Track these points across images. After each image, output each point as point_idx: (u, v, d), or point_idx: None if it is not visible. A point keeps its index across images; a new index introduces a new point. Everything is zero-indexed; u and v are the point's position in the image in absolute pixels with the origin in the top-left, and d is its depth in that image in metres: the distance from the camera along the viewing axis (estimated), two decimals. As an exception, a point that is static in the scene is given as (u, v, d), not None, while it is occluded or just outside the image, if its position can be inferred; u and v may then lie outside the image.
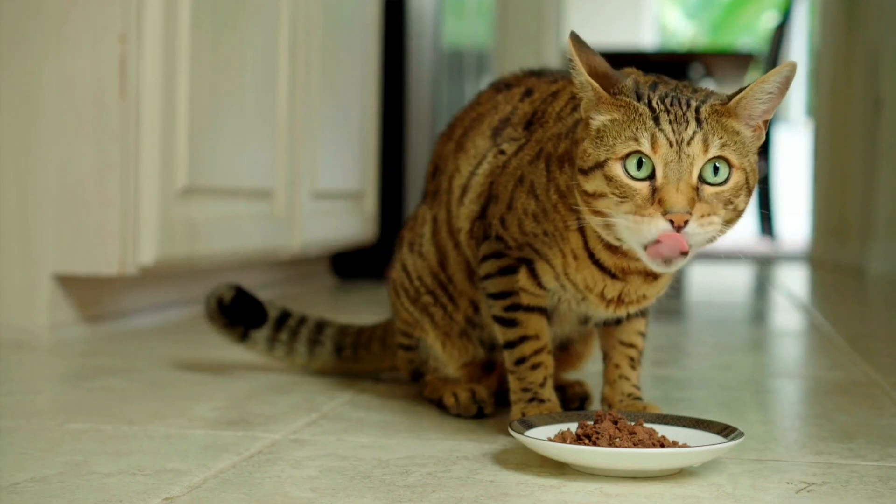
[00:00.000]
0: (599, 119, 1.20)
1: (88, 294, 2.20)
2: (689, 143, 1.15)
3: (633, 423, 1.20)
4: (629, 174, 1.16)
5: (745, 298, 3.50)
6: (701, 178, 1.16)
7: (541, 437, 1.19)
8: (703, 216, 1.16)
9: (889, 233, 4.41)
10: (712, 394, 1.72)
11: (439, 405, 1.51)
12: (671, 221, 1.14)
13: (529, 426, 1.24)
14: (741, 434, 1.19)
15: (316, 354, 1.75)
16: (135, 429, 1.37)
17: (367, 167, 3.41)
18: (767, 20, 11.32)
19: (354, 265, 3.63)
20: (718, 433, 1.22)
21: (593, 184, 1.19)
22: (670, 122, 1.16)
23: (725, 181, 1.17)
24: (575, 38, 1.21)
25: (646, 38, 9.61)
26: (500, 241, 1.37)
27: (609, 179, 1.17)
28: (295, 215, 2.80)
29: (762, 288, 3.96)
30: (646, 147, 1.16)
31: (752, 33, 12.02)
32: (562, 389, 1.54)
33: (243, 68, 2.46)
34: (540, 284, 1.36)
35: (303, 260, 3.33)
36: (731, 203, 1.18)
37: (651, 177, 1.16)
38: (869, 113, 4.65)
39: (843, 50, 5.12)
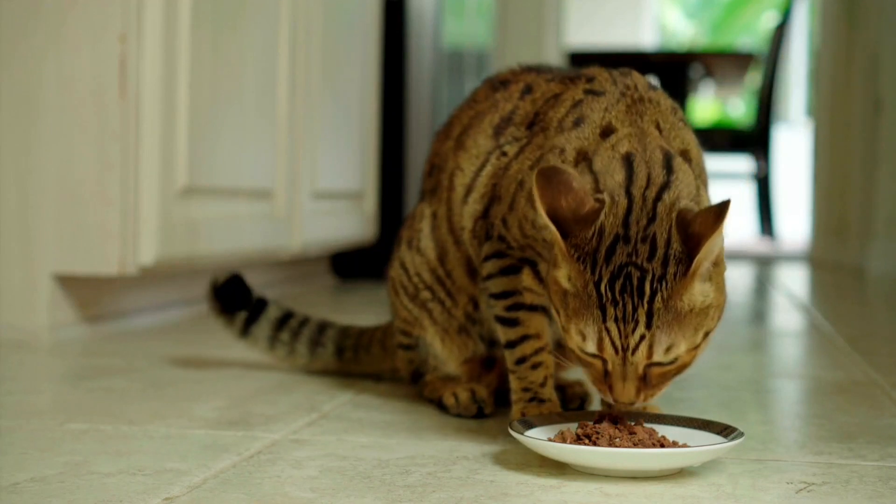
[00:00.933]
0: (561, 273, 1.16)
1: (88, 294, 2.20)
2: (633, 351, 1.12)
3: (633, 423, 1.20)
4: (581, 350, 1.15)
5: (745, 298, 3.50)
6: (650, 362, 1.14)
7: (541, 437, 1.19)
8: (648, 396, 1.16)
9: (889, 233, 4.41)
10: (712, 394, 1.72)
11: (439, 405, 1.51)
12: (615, 399, 1.16)
13: (529, 426, 1.24)
14: (741, 434, 1.19)
15: (317, 355, 1.75)
16: (135, 429, 1.37)
17: (367, 167, 3.41)
18: (767, 20, 11.32)
19: (354, 265, 3.63)
20: (718, 433, 1.22)
21: (556, 318, 1.19)
22: (616, 321, 1.11)
23: (674, 361, 1.14)
24: (541, 175, 1.16)
25: (646, 38, 9.61)
26: (503, 241, 1.37)
27: (566, 342, 1.17)
28: (295, 215, 2.80)
29: (762, 288, 3.96)
30: (591, 348, 1.14)
31: (752, 33, 12.02)
32: (562, 389, 1.54)
33: (243, 68, 2.46)
34: (543, 284, 1.36)
35: (303, 260, 3.33)
36: (682, 370, 1.16)
37: (595, 356, 1.15)
38: (869, 113, 4.65)
39: (843, 50, 5.12)
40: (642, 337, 1.12)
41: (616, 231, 1.15)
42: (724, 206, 1.13)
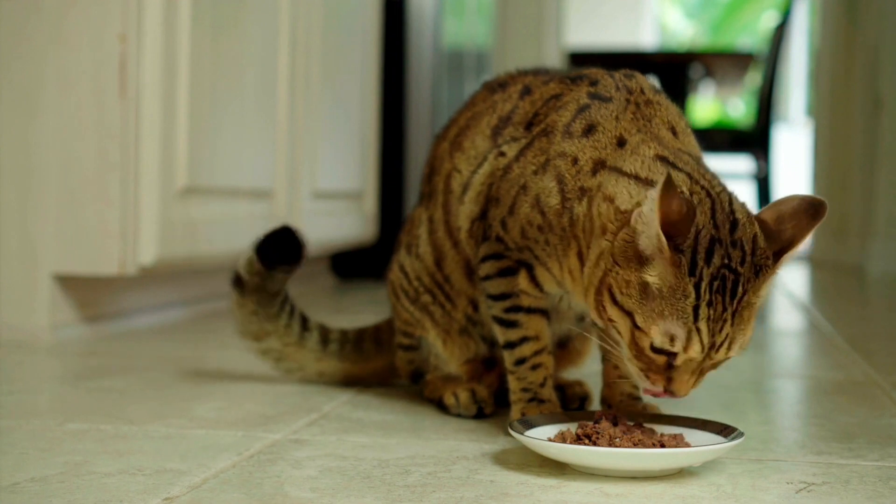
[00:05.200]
0: (651, 276, 1.14)
1: (88, 294, 2.20)
2: (717, 350, 1.14)
3: (632, 423, 1.20)
4: (654, 348, 1.15)
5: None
6: None
7: (541, 437, 1.19)
8: (696, 386, 1.17)
9: (889, 233, 4.41)
10: (712, 394, 1.72)
11: (439, 405, 1.51)
12: (669, 392, 1.16)
13: (529, 426, 1.24)
14: (741, 434, 1.19)
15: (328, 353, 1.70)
16: (135, 429, 1.37)
17: (367, 167, 3.41)
18: (767, 20, 11.32)
19: (354, 265, 3.63)
20: (718, 433, 1.22)
21: (617, 315, 1.18)
22: (708, 322, 1.12)
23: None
24: (668, 180, 1.11)
25: (646, 38, 9.61)
26: (500, 242, 1.37)
27: (633, 339, 1.16)
28: (295, 215, 2.80)
29: (762, 288, 3.96)
30: (678, 347, 1.13)
31: (752, 33, 12.02)
32: (561, 389, 1.54)
33: (243, 68, 2.46)
34: (540, 288, 1.36)
35: (303, 260, 3.32)
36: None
37: (673, 354, 1.14)
38: (869, 113, 4.65)
39: (843, 50, 5.12)
40: (727, 335, 1.14)
41: (710, 233, 1.14)
42: (819, 207, 1.17)
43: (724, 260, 1.13)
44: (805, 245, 1.20)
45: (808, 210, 1.17)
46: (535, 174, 1.32)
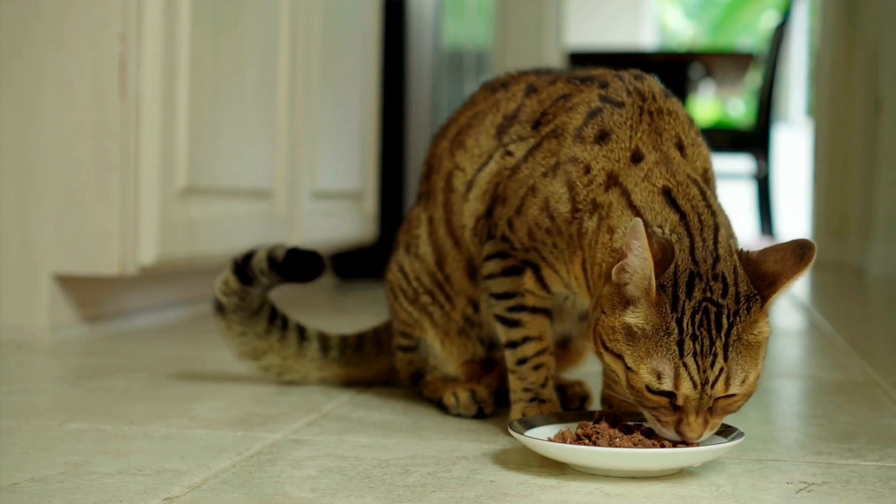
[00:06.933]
0: (633, 319, 1.14)
1: (88, 294, 2.20)
2: (712, 385, 1.12)
3: (632, 423, 1.20)
4: (649, 389, 1.14)
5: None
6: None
7: (541, 437, 1.19)
8: (713, 427, 1.15)
9: (889, 233, 4.41)
10: (712, 394, 1.72)
11: (439, 405, 1.51)
12: (680, 434, 1.14)
13: (529, 426, 1.24)
14: (741, 434, 1.19)
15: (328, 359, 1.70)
16: (135, 429, 1.37)
17: (367, 167, 3.41)
18: (767, 20, 11.32)
19: (354, 265, 3.63)
20: (718, 433, 1.21)
21: (610, 359, 1.17)
22: (695, 356, 1.11)
23: (742, 391, 1.15)
24: (645, 225, 1.13)
25: (646, 38, 9.61)
26: (506, 241, 1.36)
27: (628, 381, 1.16)
28: (295, 215, 2.80)
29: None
30: (668, 385, 1.12)
31: (752, 33, 12.02)
32: (562, 389, 1.54)
33: (243, 68, 2.46)
34: (546, 289, 1.35)
35: (303, 260, 3.32)
36: (747, 399, 1.17)
37: (672, 394, 1.13)
38: (869, 113, 4.64)
39: (843, 50, 5.12)
40: (721, 370, 1.12)
41: (689, 268, 1.14)
42: (807, 249, 1.14)
43: (705, 293, 1.13)
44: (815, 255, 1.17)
45: (796, 250, 1.15)
46: (544, 176, 1.32)
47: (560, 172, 1.30)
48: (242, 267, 1.60)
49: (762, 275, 1.15)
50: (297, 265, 1.59)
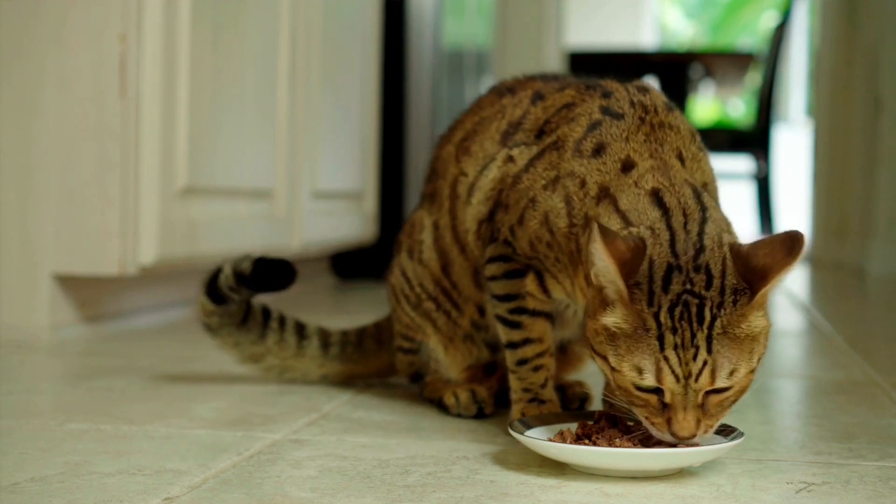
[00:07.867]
0: (611, 319, 1.13)
1: (88, 294, 2.20)
2: (696, 378, 1.10)
3: (632, 423, 1.20)
4: (636, 386, 1.12)
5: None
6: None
7: (541, 437, 1.19)
8: (708, 427, 1.13)
9: (889, 233, 4.41)
10: (712, 394, 1.72)
11: (439, 405, 1.51)
12: (672, 434, 1.13)
13: (529, 426, 1.24)
14: (741, 434, 1.19)
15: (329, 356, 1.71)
16: (135, 429, 1.37)
17: (367, 167, 3.41)
18: (767, 20, 11.32)
19: (354, 265, 3.63)
20: (718, 433, 1.21)
21: (600, 363, 1.16)
22: (676, 349, 1.09)
23: (732, 385, 1.13)
24: (601, 228, 1.13)
25: (646, 38, 9.61)
26: (508, 245, 1.36)
27: (616, 382, 1.15)
28: (295, 215, 2.80)
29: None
30: (650, 381, 1.11)
31: (752, 33, 12.02)
32: (562, 389, 1.54)
33: (243, 68, 2.46)
34: (548, 294, 1.35)
35: (303, 260, 3.32)
36: (740, 395, 1.15)
37: (658, 390, 1.12)
38: (869, 113, 4.64)
39: (843, 50, 5.12)
40: (705, 362, 1.10)
41: (667, 260, 1.13)
42: (796, 241, 1.12)
43: (684, 286, 1.11)
44: (805, 247, 1.18)
45: (785, 242, 1.13)
46: (544, 189, 1.31)
47: (559, 187, 1.30)
48: (212, 288, 1.60)
49: (753, 268, 1.13)
50: (267, 275, 1.59)
